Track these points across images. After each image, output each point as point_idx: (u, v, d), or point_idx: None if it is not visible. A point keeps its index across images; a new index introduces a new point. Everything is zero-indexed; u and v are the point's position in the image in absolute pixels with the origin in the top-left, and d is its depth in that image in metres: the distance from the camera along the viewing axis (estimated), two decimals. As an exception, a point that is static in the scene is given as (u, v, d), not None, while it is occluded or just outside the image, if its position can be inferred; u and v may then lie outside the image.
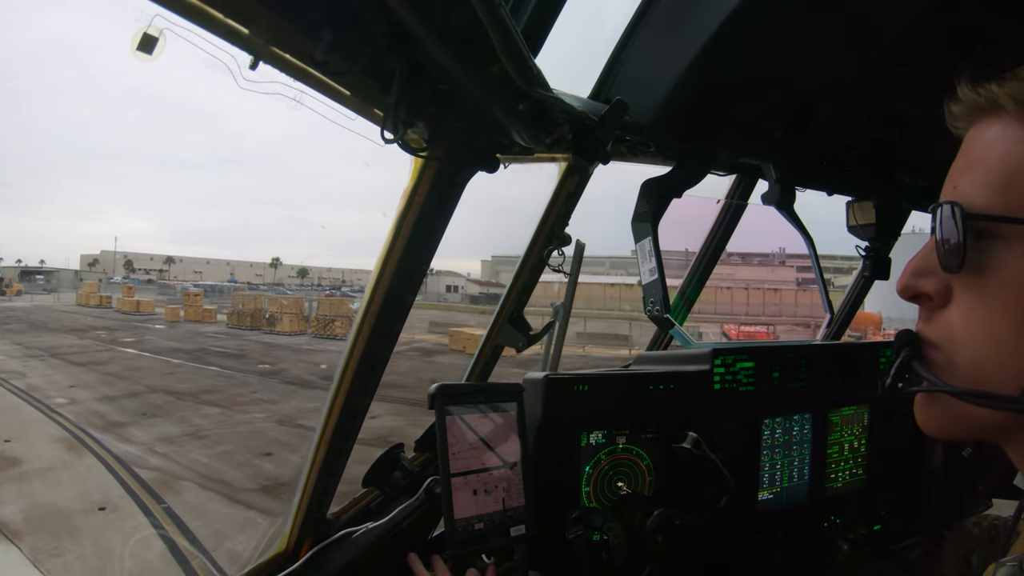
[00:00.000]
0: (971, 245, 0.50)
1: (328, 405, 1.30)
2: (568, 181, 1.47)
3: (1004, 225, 0.49)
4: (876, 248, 2.19)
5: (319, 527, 1.36)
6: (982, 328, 0.51)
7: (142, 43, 0.80)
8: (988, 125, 0.52)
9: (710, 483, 1.44)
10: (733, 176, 2.03)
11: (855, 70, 1.35)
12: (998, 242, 0.49)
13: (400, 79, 0.85)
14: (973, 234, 0.50)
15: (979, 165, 0.52)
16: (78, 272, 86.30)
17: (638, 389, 1.50)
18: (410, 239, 1.16)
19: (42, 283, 71.02)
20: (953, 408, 0.53)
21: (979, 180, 0.51)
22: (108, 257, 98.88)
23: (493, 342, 1.63)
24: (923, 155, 1.82)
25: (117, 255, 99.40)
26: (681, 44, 1.20)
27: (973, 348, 0.51)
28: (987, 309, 0.50)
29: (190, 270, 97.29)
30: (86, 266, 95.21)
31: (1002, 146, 0.50)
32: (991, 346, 0.50)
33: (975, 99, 0.53)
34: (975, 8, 1.14)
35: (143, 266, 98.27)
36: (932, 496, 1.93)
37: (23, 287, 60.44)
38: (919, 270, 0.55)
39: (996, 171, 0.50)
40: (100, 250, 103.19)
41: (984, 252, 0.50)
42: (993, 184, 0.50)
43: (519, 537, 1.26)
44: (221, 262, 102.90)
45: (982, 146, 0.52)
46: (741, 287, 33.41)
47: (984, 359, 0.51)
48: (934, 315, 0.55)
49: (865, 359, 1.86)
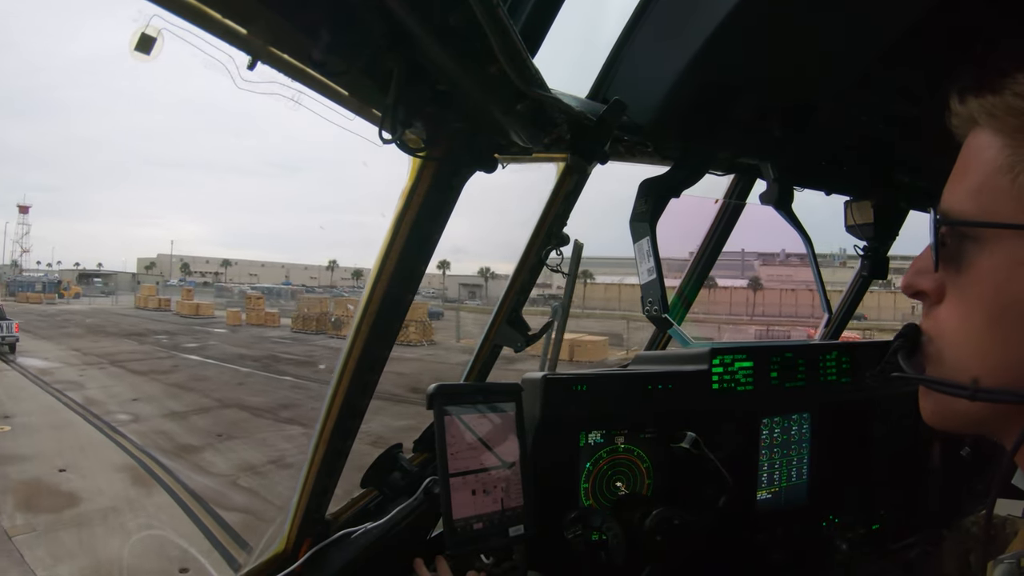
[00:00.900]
0: (953, 247, 0.55)
1: (327, 405, 1.30)
2: (566, 181, 1.46)
3: (978, 228, 0.53)
4: (874, 248, 2.19)
5: (318, 527, 1.36)
6: (960, 323, 0.55)
7: (140, 43, 0.80)
8: (973, 135, 0.56)
9: (709, 483, 1.44)
10: (731, 176, 2.03)
11: (855, 70, 1.35)
12: (973, 244, 0.53)
13: (398, 79, 0.85)
14: (956, 237, 0.54)
15: (962, 172, 0.56)
16: (135, 275, 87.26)
17: (637, 389, 1.50)
18: (408, 239, 1.16)
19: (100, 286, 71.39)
20: (943, 400, 0.57)
21: (960, 187, 0.56)
22: (164, 260, 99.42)
23: (492, 342, 1.63)
24: (922, 155, 1.82)
25: (173, 258, 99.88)
26: (680, 44, 1.20)
27: (955, 341, 0.56)
28: (965, 305, 0.55)
29: (245, 273, 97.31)
30: (143, 269, 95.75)
31: (980, 155, 0.54)
32: (968, 339, 0.55)
33: (962, 111, 0.56)
34: (975, 8, 1.14)
35: (199, 269, 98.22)
36: (931, 495, 1.93)
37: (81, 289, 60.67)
38: (919, 269, 0.59)
39: (972, 178, 0.55)
40: (156, 253, 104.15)
41: (962, 253, 0.54)
42: (970, 190, 0.54)
43: (518, 537, 1.26)
44: (275, 264, 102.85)
45: (967, 155, 0.56)
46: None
47: (963, 352, 0.55)
48: (931, 311, 0.59)
49: (864, 358, 1.86)
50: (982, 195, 0.53)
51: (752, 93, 1.39)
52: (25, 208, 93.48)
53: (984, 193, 0.53)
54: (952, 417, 0.58)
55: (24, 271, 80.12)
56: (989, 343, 0.53)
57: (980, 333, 0.53)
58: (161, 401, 13.13)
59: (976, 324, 0.53)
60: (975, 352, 0.54)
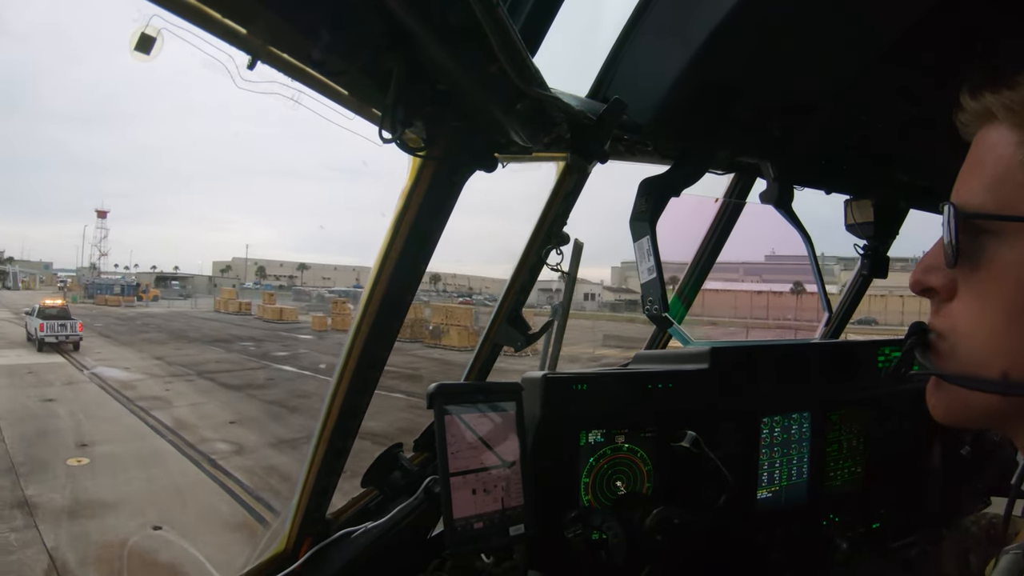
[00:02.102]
0: (969, 242, 0.54)
1: (327, 404, 1.30)
2: (566, 180, 1.46)
3: (995, 222, 0.53)
4: (874, 247, 2.19)
5: (318, 527, 1.36)
6: (978, 319, 0.55)
7: (140, 43, 0.80)
8: (987, 131, 0.56)
9: (709, 482, 1.44)
10: (731, 175, 2.03)
11: (855, 70, 1.35)
12: (991, 238, 0.53)
13: (398, 79, 0.85)
14: (971, 232, 0.54)
15: (977, 168, 0.56)
16: (211, 278, 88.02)
17: (637, 388, 1.50)
18: (408, 239, 1.16)
19: (178, 288, 71.23)
20: (956, 393, 0.57)
21: (976, 182, 0.55)
22: (239, 263, 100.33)
23: (492, 341, 1.63)
24: (922, 154, 1.82)
25: (248, 262, 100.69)
26: (680, 43, 1.20)
27: (971, 338, 0.55)
28: (982, 301, 0.54)
29: (318, 276, 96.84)
30: (218, 272, 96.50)
31: (996, 150, 0.54)
32: (985, 335, 0.54)
33: (975, 107, 0.56)
34: (975, 8, 1.14)
35: (273, 272, 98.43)
36: (931, 495, 1.93)
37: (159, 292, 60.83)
38: (928, 266, 0.59)
39: (990, 173, 0.54)
40: (232, 256, 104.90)
41: (979, 248, 0.54)
42: (986, 185, 0.54)
43: (518, 536, 1.26)
44: (347, 268, 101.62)
45: (981, 150, 0.56)
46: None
47: (979, 347, 0.55)
48: (942, 308, 0.59)
49: (864, 357, 1.86)
50: (1001, 190, 0.53)
51: (752, 93, 1.39)
52: (103, 213, 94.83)
53: (1003, 188, 0.53)
54: (963, 412, 0.58)
55: (102, 274, 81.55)
56: (1011, 337, 0.52)
57: (1002, 328, 0.53)
58: (264, 425, 11.17)
59: (996, 319, 0.53)
60: (996, 347, 0.53)
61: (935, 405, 0.60)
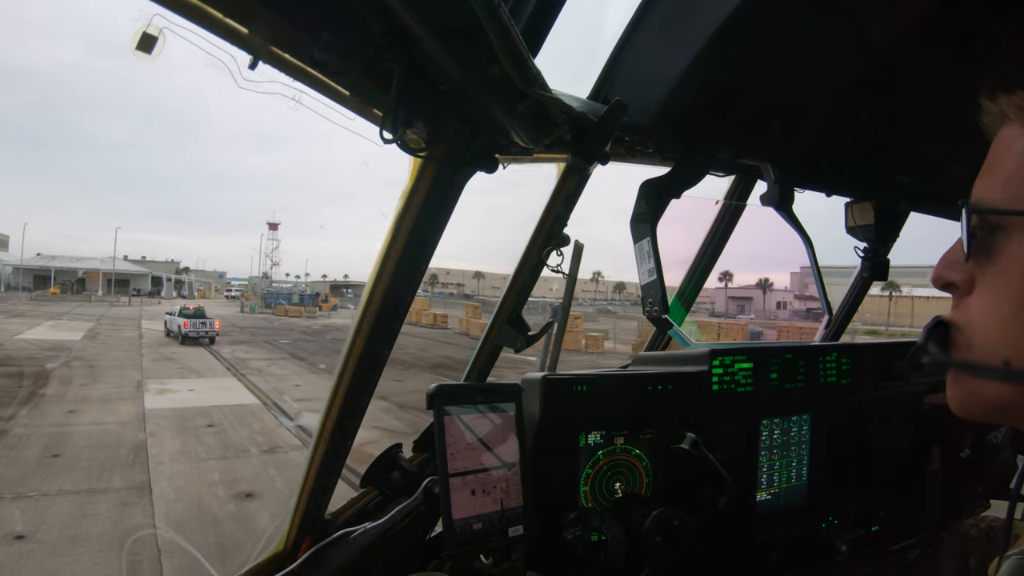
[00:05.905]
0: (984, 237, 0.56)
1: (327, 405, 1.30)
2: (567, 181, 1.46)
3: (1007, 217, 0.55)
4: (875, 249, 2.19)
5: (317, 527, 1.35)
6: (990, 312, 0.57)
7: (141, 42, 0.80)
8: (1004, 131, 0.58)
9: (708, 484, 1.44)
10: (732, 177, 2.03)
11: (855, 70, 1.35)
12: (1003, 233, 0.55)
13: (399, 79, 0.85)
14: (986, 228, 0.56)
15: (993, 166, 0.58)
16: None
17: (636, 390, 1.50)
18: (409, 239, 1.16)
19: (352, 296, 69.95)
20: (971, 385, 0.58)
21: (992, 179, 0.57)
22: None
23: (492, 343, 1.63)
24: (922, 156, 1.82)
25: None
26: (681, 44, 1.20)
27: (984, 330, 0.57)
28: (995, 294, 0.56)
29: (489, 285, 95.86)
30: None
31: (1010, 148, 0.56)
32: (998, 326, 0.56)
33: (992, 109, 0.58)
34: (975, 8, 1.14)
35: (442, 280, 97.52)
36: (930, 497, 1.93)
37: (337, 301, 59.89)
38: (948, 262, 0.61)
39: (1004, 171, 0.56)
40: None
41: (993, 243, 0.56)
42: (1001, 182, 0.56)
43: (517, 537, 1.26)
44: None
45: (998, 149, 0.58)
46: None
47: (992, 340, 0.56)
48: (961, 302, 0.60)
49: (864, 360, 1.86)
50: (1012, 186, 0.55)
51: (753, 94, 1.39)
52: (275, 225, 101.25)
53: (1014, 184, 0.55)
54: (980, 403, 0.59)
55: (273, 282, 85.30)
56: (1016, 327, 0.54)
57: (1010, 319, 0.55)
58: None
59: (1006, 311, 0.55)
60: (1005, 337, 0.55)
61: (952, 397, 0.61)
